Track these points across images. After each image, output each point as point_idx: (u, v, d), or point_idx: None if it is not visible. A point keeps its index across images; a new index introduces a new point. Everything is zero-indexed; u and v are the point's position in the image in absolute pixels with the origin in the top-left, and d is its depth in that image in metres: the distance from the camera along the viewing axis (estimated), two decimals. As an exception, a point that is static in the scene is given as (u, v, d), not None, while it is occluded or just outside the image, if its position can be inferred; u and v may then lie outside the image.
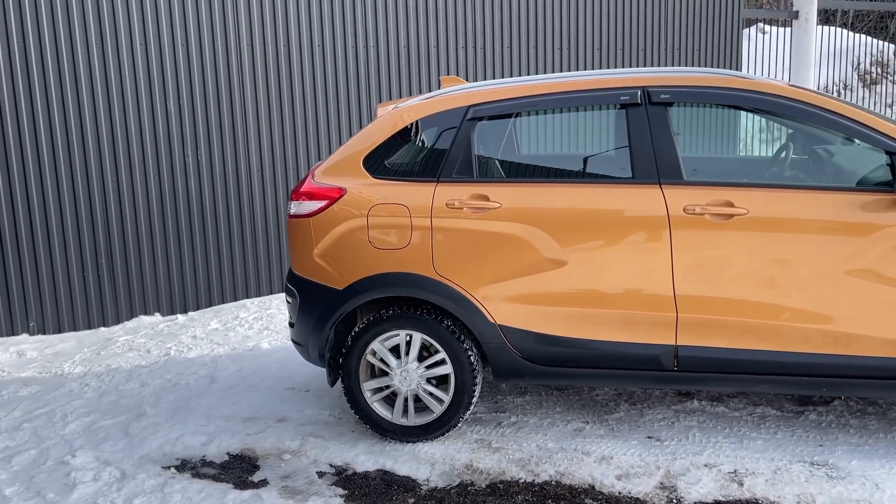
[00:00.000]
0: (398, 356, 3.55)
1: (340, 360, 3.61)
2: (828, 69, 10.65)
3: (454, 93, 3.64)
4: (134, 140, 5.46)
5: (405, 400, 3.56)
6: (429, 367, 3.53)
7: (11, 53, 5.03)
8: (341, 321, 3.63)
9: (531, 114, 3.60)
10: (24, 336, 5.29)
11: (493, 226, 3.38)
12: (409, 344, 3.52)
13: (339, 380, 3.70)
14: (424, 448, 3.53)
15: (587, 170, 3.82)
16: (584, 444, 3.51)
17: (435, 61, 6.56)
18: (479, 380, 3.53)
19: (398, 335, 3.52)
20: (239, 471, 3.44)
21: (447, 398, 3.52)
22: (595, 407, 3.90)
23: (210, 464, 3.51)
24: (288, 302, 3.79)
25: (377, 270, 3.48)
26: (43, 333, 5.35)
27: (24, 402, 4.23)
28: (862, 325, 3.15)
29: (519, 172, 3.91)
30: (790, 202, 3.19)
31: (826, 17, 12.15)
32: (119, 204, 5.46)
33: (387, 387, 3.59)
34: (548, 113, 3.61)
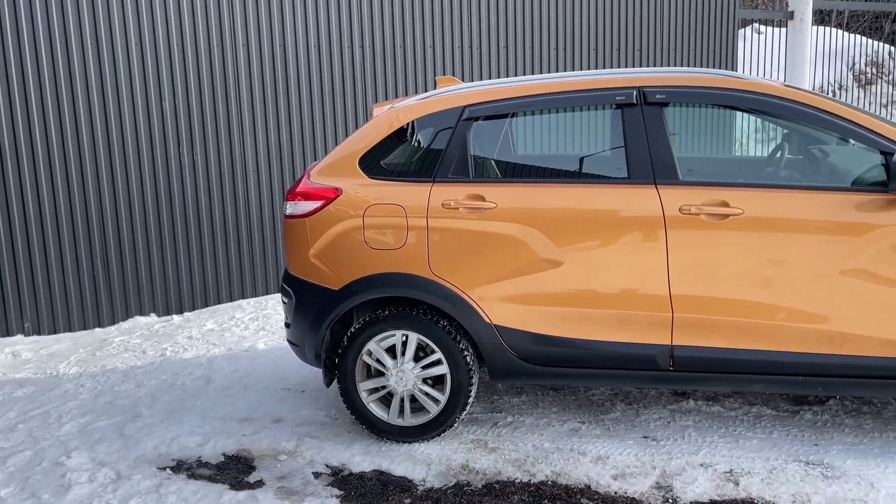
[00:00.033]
0: (394, 356, 3.54)
1: (336, 360, 3.61)
2: (823, 69, 10.68)
3: (450, 93, 3.64)
4: (129, 140, 5.45)
5: (401, 400, 3.55)
6: (425, 367, 3.53)
7: (6, 52, 5.02)
8: (337, 321, 3.63)
9: (527, 114, 3.60)
10: (19, 337, 5.27)
11: (489, 226, 3.38)
12: (405, 344, 3.52)
13: (335, 380, 3.70)
14: (421, 448, 3.53)
15: (583, 170, 3.82)
16: (581, 443, 3.51)
17: (431, 61, 6.56)
18: (475, 380, 3.53)
19: (394, 335, 3.52)
20: (235, 471, 3.43)
21: (443, 398, 3.52)
22: (591, 407, 3.90)
23: (206, 464, 3.51)
24: (284, 302, 3.79)
25: (373, 271, 3.48)
26: (38, 334, 5.34)
27: (19, 403, 4.22)
28: (857, 325, 3.16)
29: (515, 172, 3.91)
30: (785, 202, 3.20)
31: (821, 18, 12.17)
32: (114, 204, 5.45)
33: (383, 387, 3.58)
34: (543, 113, 3.61)
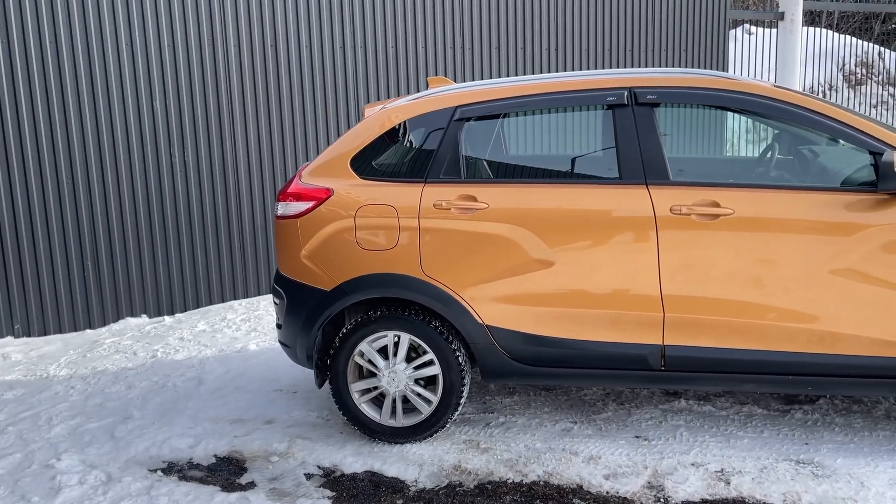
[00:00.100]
0: (386, 357, 3.54)
1: (328, 361, 3.60)
2: (813, 70, 10.73)
3: (442, 93, 3.64)
4: (120, 140, 5.42)
5: (393, 401, 3.55)
6: (417, 367, 3.52)
7: (-5, 53, 5.00)
8: (329, 322, 3.62)
9: (518, 114, 3.61)
10: (8, 339, 5.24)
11: (481, 226, 3.38)
12: (397, 345, 3.52)
13: (326, 381, 3.69)
14: (413, 449, 3.53)
15: (574, 170, 3.83)
16: (573, 443, 3.51)
17: (422, 62, 6.56)
18: (467, 380, 3.53)
19: (386, 336, 3.52)
20: (226, 473, 3.42)
21: (435, 399, 3.51)
22: (583, 407, 3.91)
23: (197, 466, 3.49)
24: (275, 303, 3.78)
25: (365, 271, 3.48)
26: (28, 336, 5.31)
27: (8, 406, 4.20)
28: (847, 324, 3.17)
29: (506, 173, 3.92)
30: (776, 202, 3.21)
31: (811, 19, 12.23)
32: (105, 205, 5.43)
33: (375, 388, 3.58)
34: (535, 113, 3.62)
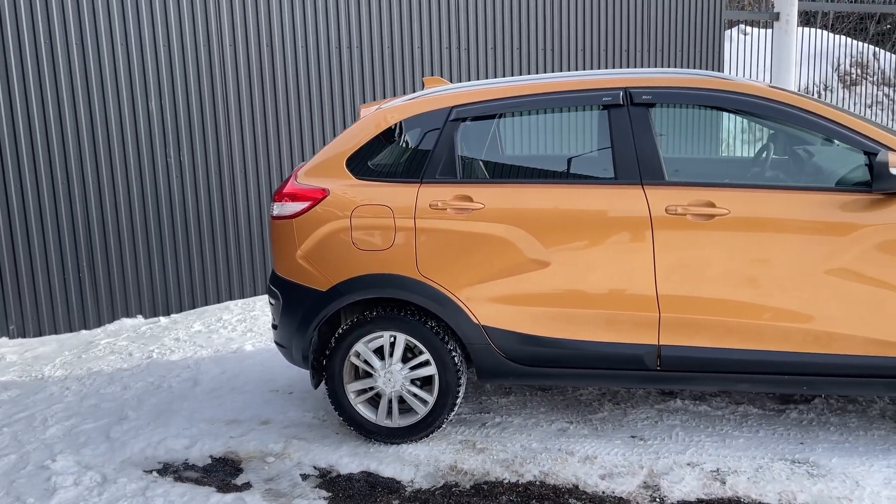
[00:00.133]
0: (382, 357, 3.54)
1: (324, 361, 3.60)
2: (808, 70, 10.75)
3: (437, 94, 3.64)
4: (115, 140, 5.41)
5: (389, 401, 3.55)
6: (413, 368, 3.52)
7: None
8: (325, 323, 3.62)
9: (514, 114, 3.61)
10: (3, 339, 5.22)
11: (477, 226, 3.38)
12: (392, 345, 3.52)
13: (322, 382, 3.69)
14: (409, 449, 3.53)
15: (570, 170, 3.83)
16: (568, 443, 3.52)
17: (419, 62, 6.56)
18: (463, 381, 3.53)
19: (382, 336, 3.51)
20: (222, 474, 3.42)
21: (431, 399, 3.51)
22: (579, 407, 3.91)
23: (193, 467, 3.49)
24: (271, 304, 3.77)
25: (361, 272, 3.48)
26: (23, 337, 5.30)
27: (3, 407, 4.18)
28: (841, 324, 3.18)
29: (502, 173, 3.92)
30: (771, 202, 3.21)
31: (806, 19, 12.26)
32: (100, 205, 5.42)
33: (371, 388, 3.58)
34: (531, 114, 3.62)
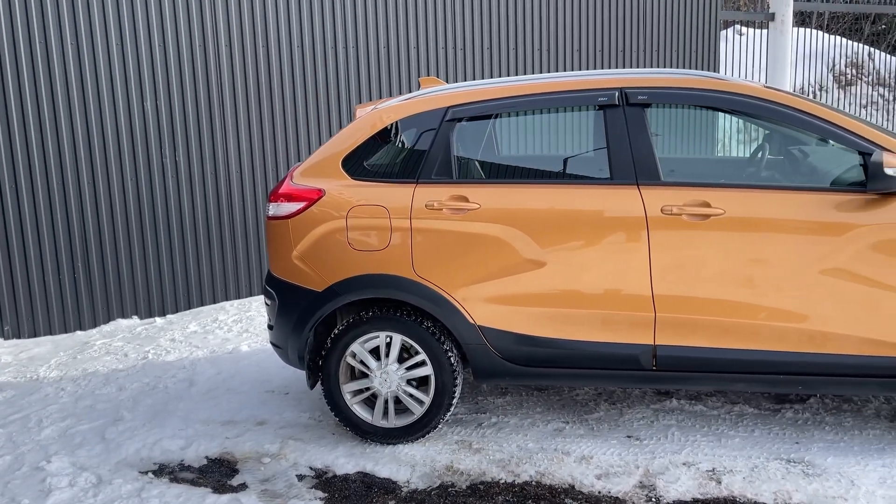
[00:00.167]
0: (378, 358, 3.54)
1: (320, 362, 3.60)
2: (803, 70, 10.78)
3: (433, 94, 3.64)
4: (111, 140, 5.40)
5: (385, 402, 3.55)
6: (409, 368, 3.52)
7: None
8: (321, 323, 3.62)
9: (510, 115, 3.61)
10: (-2, 340, 5.22)
11: (473, 227, 3.39)
12: (388, 345, 3.52)
13: (318, 382, 3.69)
14: (405, 450, 3.53)
15: (566, 171, 3.83)
16: (565, 443, 3.52)
17: (414, 62, 6.55)
18: (459, 381, 3.53)
19: (378, 337, 3.51)
20: (217, 475, 3.41)
21: (427, 399, 3.51)
22: (575, 407, 3.91)
23: (188, 468, 3.48)
24: (267, 304, 3.77)
25: (357, 272, 3.47)
26: (18, 337, 5.28)
27: (-2, 408, 4.17)
28: (837, 324, 3.19)
29: (498, 173, 3.92)
30: (766, 202, 3.22)
31: (802, 19, 12.29)
32: (95, 205, 5.40)
33: (367, 389, 3.58)
34: (526, 114, 3.62)
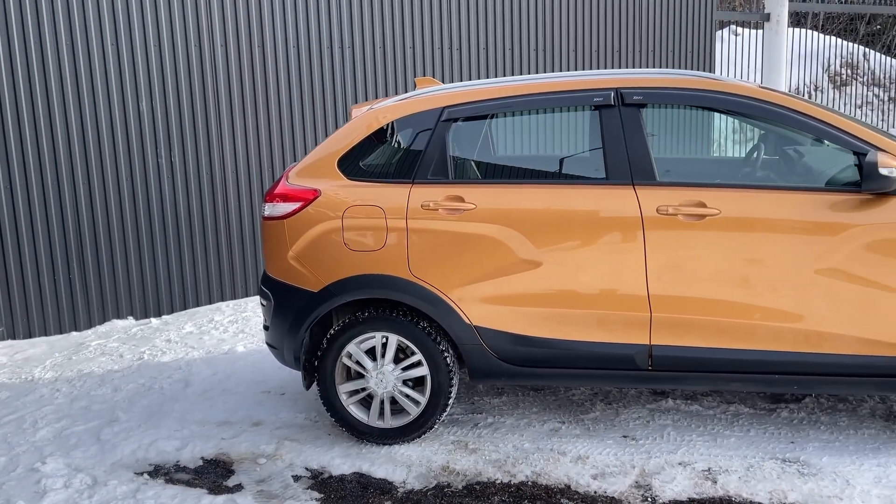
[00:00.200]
0: (374, 358, 3.53)
1: (316, 362, 3.59)
2: (799, 71, 10.80)
3: (429, 94, 3.64)
4: (106, 141, 5.39)
5: (381, 402, 3.54)
6: (405, 368, 3.52)
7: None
8: (317, 324, 3.61)
9: (506, 115, 3.61)
10: (-7, 341, 5.20)
11: (469, 227, 3.38)
12: (384, 346, 3.51)
13: (314, 383, 3.68)
14: (401, 450, 3.52)
15: (562, 171, 3.84)
16: (561, 444, 3.52)
17: (410, 62, 6.55)
18: (455, 381, 3.52)
19: (374, 337, 3.51)
20: (213, 476, 3.40)
21: (423, 400, 3.51)
22: (571, 407, 3.92)
23: (184, 469, 3.47)
24: (262, 305, 3.76)
25: (352, 272, 3.47)
26: (13, 338, 5.26)
27: (-7, 409, 4.16)
28: (832, 324, 3.19)
29: (494, 173, 3.92)
30: (761, 202, 3.23)
31: (797, 20, 12.32)
32: (91, 205, 5.39)
33: (363, 389, 3.57)
34: (522, 114, 3.62)
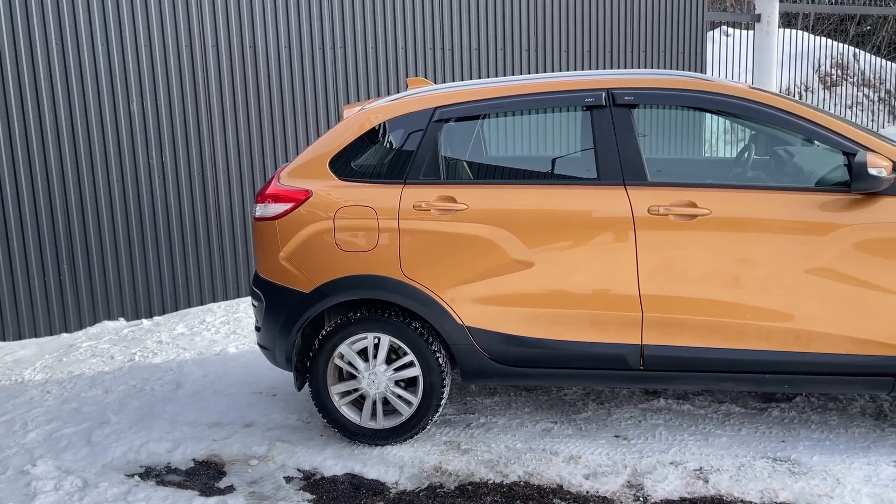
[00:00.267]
0: (366, 359, 3.53)
1: (308, 363, 3.58)
2: (789, 71, 10.85)
3: (421, 94, 3.64)
4: (96, 141, 5.36)
5: (373, 403, 3.54)
6: (397, 369, 3.52)
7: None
8: (308, 324, 3.61)
9: (497, 115, 3.61)
10: (-18, 343, 5.17)
11: (460, 227, 3.39)
12: (377, 347, 3.51)
13: (306, 384, 3.68)
14: (393, 451, 3.52)
15: (553, 171, 3.84)
16: (553, 444, 3.52)
17: (402, 63, 6.55)
18: (447, 381, 3.52)
19: (366, 338, 3.51)
20: (205, 477, 3.39)
21: (416, 400, 3.51)
22: (563, 407, 3.92)
23: (175, 471, 3.46)
24: (254, 306, 3.75)
25: (344, 273, 3.47)
26: (2, 340, 5.24)
27: (-18, 411, 4.14)
28: (822, 323, 3.21)
29: (486, 174, 3.92)
30: (752, 202, 3.24)
31: (787, 20, 12.37)
32: (81, 206, 5.36)
33: (355, 390, 3.57)
34: (514, 114, 3.63)
